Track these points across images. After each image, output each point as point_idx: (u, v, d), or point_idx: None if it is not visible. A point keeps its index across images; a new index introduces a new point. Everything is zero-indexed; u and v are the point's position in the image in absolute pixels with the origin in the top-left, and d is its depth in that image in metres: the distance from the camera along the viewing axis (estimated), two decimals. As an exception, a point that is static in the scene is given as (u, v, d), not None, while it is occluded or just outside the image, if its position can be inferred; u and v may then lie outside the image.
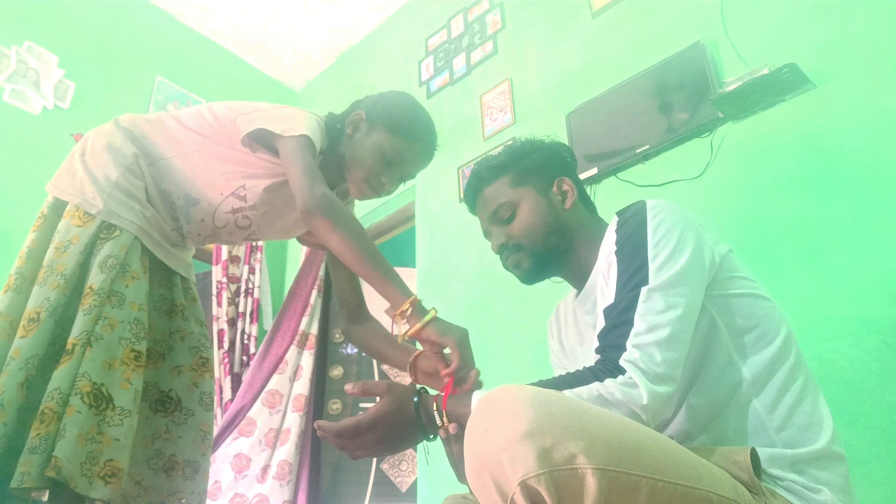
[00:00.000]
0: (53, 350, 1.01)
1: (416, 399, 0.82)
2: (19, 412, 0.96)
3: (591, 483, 0.54)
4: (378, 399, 0.83)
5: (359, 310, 1.32)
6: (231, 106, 1.23)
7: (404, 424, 0.81)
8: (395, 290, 0.97)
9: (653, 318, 0.76)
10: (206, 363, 1.24)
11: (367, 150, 1.19)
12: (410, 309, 0.94)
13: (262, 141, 1.16)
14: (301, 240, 1.42)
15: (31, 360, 0.98)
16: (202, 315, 1.31)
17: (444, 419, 0.79)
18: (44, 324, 1.00)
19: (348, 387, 0.84)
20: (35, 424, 0.93)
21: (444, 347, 0.94)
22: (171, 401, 1.17)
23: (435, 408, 0.81)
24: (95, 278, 1.03)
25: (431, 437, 0.83)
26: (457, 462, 0.78)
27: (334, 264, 1.33)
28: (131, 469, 1.10)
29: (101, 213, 1.09)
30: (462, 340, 0.92)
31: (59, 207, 1.14)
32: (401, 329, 0.96)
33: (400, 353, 1.23)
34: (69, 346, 0.98)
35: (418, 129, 1.21)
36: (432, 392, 0.88)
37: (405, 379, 1.06)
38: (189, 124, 1.22)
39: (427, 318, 0.93)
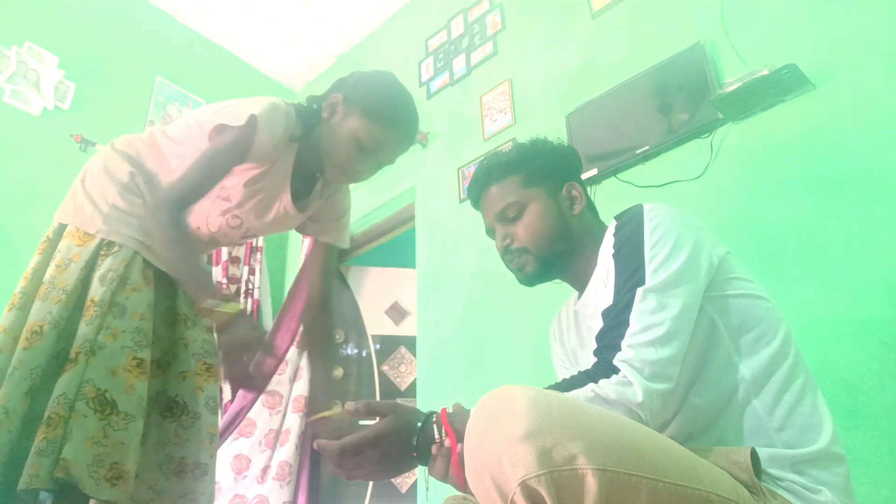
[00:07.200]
0: (57, 363, 1.03)
1: (419, 424, 0.80)
2: (23, 421, 0.97)
3: (591, 483, 0.54)
4: (379, 419, 0.81)
5: (319, 302, 1.38)
6: (213, 107, 1.22)
7: (407, 444, 0.80)
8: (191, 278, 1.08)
9: (648, 317, 0.76)
10: (211, 368, 1.26)
11: (343, 136, 1.16)
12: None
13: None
14: (299, 229, 1.42)
15: (35, 371, 1.00)
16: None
17: (443, 434, 0.78)
18: (46, 336, 1.02)
19: (349, 406, 0.83)
20: (41, 428, 0.94)
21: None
22: (177, 406, 1.19)
23: (434, 420, 0.80)
24: (96, 291, 1.06)
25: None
26: (441, 478, 0.77)
27: (308, 259, 1.38)
28: (145, 475, 1.13)
29: (101, 232, 1.12)
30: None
31: (62, 231, 1.17)
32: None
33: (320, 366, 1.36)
34: (73, 355, 1.00)
35: (396, 115, 1.18)
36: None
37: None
38: (177, 137, 1.23)
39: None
